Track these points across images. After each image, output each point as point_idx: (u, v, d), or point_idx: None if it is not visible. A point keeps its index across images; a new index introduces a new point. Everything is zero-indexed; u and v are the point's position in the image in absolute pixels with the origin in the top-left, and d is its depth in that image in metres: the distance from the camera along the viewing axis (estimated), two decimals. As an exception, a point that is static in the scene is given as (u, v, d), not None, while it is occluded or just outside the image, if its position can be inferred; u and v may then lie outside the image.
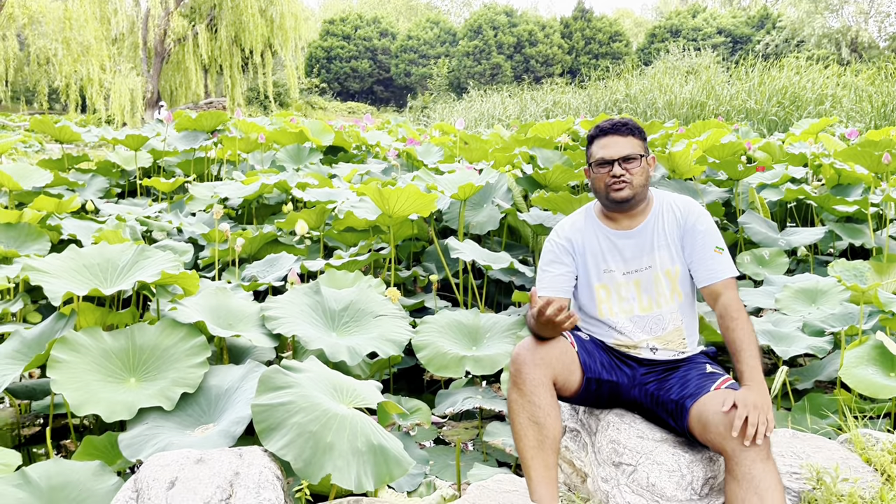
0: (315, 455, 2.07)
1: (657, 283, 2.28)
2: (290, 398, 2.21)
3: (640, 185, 2.27)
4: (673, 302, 2.28)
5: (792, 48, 33.20)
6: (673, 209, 2.32)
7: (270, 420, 2.13)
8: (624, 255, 2.31)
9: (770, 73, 15.77)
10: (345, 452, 2.12)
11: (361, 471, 2.13)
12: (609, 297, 2.32)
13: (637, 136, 2.30)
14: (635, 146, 2.28)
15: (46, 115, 8.24)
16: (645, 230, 2.31)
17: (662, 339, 2.28)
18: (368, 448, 2.19)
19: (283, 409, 2.16)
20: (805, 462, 2.34)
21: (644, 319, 2.28)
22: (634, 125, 2.32)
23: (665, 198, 2.37)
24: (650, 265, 2.28)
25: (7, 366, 2.96)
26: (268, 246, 5.34)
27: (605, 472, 2.22)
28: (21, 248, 4.44)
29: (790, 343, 3.59)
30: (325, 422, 2.17)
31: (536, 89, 24.34)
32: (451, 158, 7.62)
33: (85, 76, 19.59)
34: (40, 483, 2.32)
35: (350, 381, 2.60)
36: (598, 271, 2.34)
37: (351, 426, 2.21)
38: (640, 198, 2.29)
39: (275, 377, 2.29)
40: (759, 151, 7.30)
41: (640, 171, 2.26)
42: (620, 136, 2.28)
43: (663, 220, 2.31)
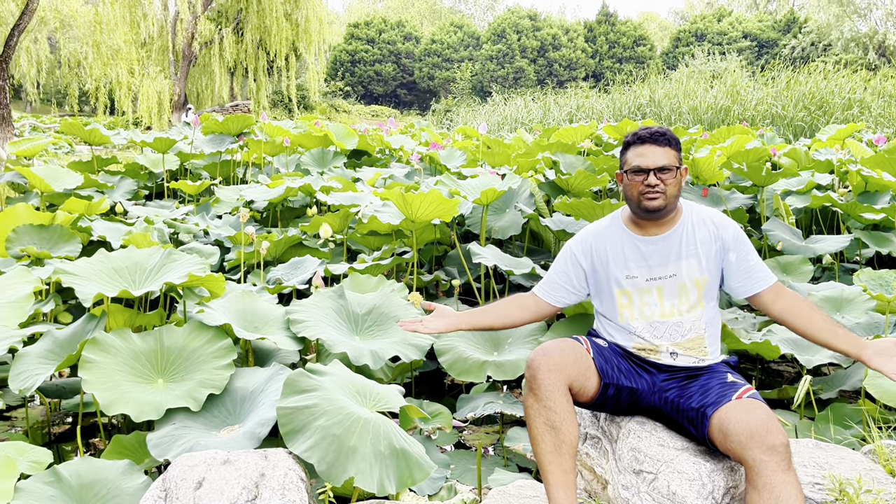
0: (338, 458, 2.10)
1: (682, 291, 2.29)
2: (314, 401, 2.25)
3: (673, 196, 2.28)
4: (696, 310, 2.29)
5: (819, 52, 32.81)
6: (705, 222, 2.34)
7: (295, 423, 2.17)
8: (649, 261, 2.32)
9: (797, 78, 15.61)
10: (367, 456, 2.15)
11: (384, 474, 2.15)
12: (630, 303, 2.34)
13: (674, 146, 2.32)
14: (671, 157, 2.29)
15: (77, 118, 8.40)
16: (672, 238, 2.32)
17: (682, 346, 2.29)
18: (391, 451, 2.22)
19: (308, 411, 2.20)
20: (828, 473, 2.33)
21: (664, 325, 2.30)
22: (672, 135, 2.33)
23: (693, 208, 2.38)
24: (675, 273, 2.29)
25: (39, 365, 3.03)
26: (292, 249, 5.40)
27: (625, 479, 2.23)
28: (53, 249, 4.53)
29: (814, 352, 3.56)
30: (349, 425, 2.21)
31: (560, 93, 24.30)
32: (474, 163, 7.64)
33: (114, 79, 19.90)
34: (71, 481, 2.38)
35: (373, 384, 2.63)
36: (620, 277, 2.35)
37: (374, 430, 2.24)
38: (671, 207, 2.30)
39: (300, 380, 2.33)
40: (784, 157, 7.24)
41: (674, 182, 2.28)
42: (658, 146, 2.29)
43: (694, 231, 2.32)
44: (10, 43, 11.54)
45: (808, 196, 5.96)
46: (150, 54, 25.15)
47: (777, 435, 1.91)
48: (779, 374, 4.41)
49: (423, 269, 5.59)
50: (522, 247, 5.83)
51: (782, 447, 1.89)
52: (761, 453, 1.89)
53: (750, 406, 2.01)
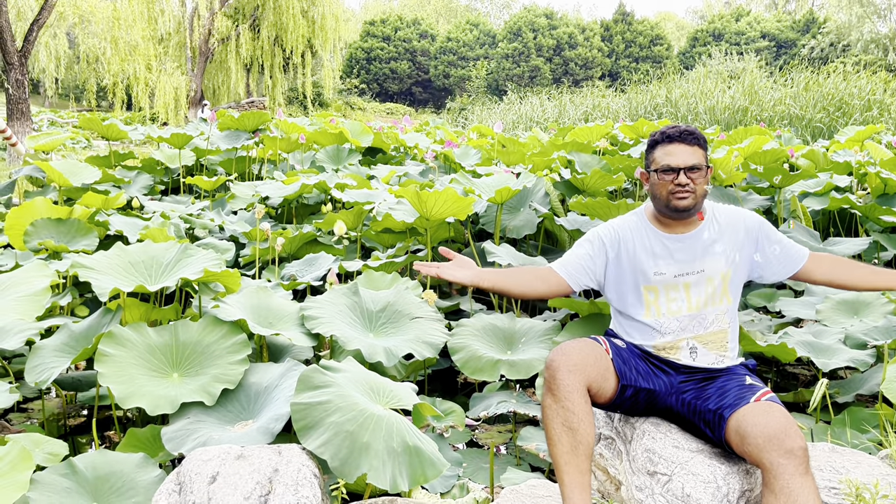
0: (351, 455, 2.10)
1: (709, 286, 2.30)
2: (328, 397, 2.25)
3: (702, 195, 2.30)
4: (721, 303, 2.31)
5: (838, 53, 32.51)
6: (730, 217, 2.38)
7: (309, 418, 2.17)
8: (676, 258, 2.32)
9: (815, 79, 15.47)
10: (380, 452, 2.15)
11: (397, 471, 2.15)
12: (657, 299, 2.33)
13: (702, 145, 2.32)
14: (700, 156, 2.30)
15: (94, 113, 8.47)
16: (699, 235, 2.32)
17: (703, 339, 2.28)
18: (404, 449, 2.22)
19: (321, 407, 2.20)
20: (844, 477, 2.31)
21: (689, 318, 2.30)
22: (700, 135, 2.33)
23: (713, 205, 2.41)
24: (703, 269, 2.30)
25: (56, 358, 3.06)
26: (307, 245, 5.42)
27: (639, 480, 2.22)
28: (71, 243, 4.57)
29: (831, 355, 3.53)
30: (362, 422, 2.21)
31: (575, 92, 24.24)
32: (489, 161, 7.63)
33: (131, 75, 20.06)
34: (86, 473, 2.40)
35: (386, 381, 2.63)
36: (648, 273, 2.34)
37: (387, 426, 2.24)
38: (699, 206, 2.32)
39: (314, 376, 2.33)
40: (802, 159, 7.18)
41: (703, 181, 2.29)
42: (687, 145, 2.29)
43: (720, 226, 2.34)
44: (30, 38, 11.65)
45: (826, 198, 5.90)
46: (168, 50, 25.32)
47: (795, 438, 1.89)
48: (794, 377, 4.38)
49: (436, 267, 5.59)
50: (537, 246, 5.81)
51: (800, 451, 1.88)
52: (779, 457, 1.87)
53: (768, 409, 2.00)
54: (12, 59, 11.28)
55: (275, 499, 1.86)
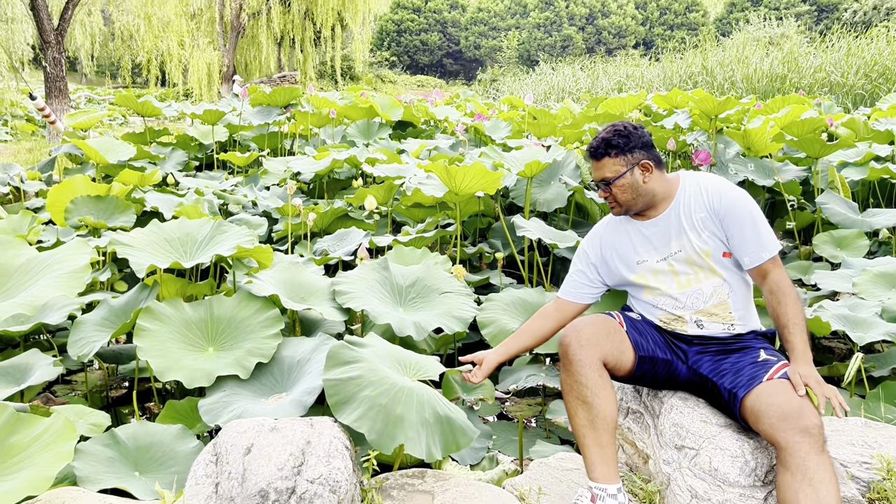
0: (387, 427, 2.16)
1: (692, 264, 2.28)
2: (358, 372, 2.30)
3: (629, 200, 2.31)
4: (714, 278, 2.27)
5: (881, 17, 31.41)
6: (700, 191, 2.29)
7: (342, 394, 2.22)
8: (654, 242, 2.34)
9: (857, 44, 14.99)
10: (414, 424, 2.20)
11: (431, 441, 2.20)
12: (648, 283, 2.36)
13: (613, 153, 2.30)
14: (610, 167, 2.30)
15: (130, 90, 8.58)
16: (669, 217, 2.32)
17: (706, 312, 2.27)
18: (436, 419, 2.27)
19: (353, 382, 2.25)
20: (876, 452, 2.29)
21: (685, 295, 2.30)
22: (608, 142, 2.31)
23: (692, 180, 2.34)
24: (679, 249, 2.29)
25: (96, 332, 3.16)
26: (338, 220, 5.47)
27: (667, 454, 2.23)
28: (109, 219, 4.67)
29: (867, 329, 3.48)
30: (394, 395, 2.25)
31: (609, 62, 23.84)
32: (520, 134, 7.58)
33: (165, 51, 20.20)
34: (128, 443, 2.49)
35: (411, 355, 2.68)
36: (632, 265, 2.38)
37: (418, 398, 2.29)
38: (636, 207, 2.33)
39: (342, 352, 2.38)
40: (841, 128, 7.00)
41: (620, 189, 2.30)
42: (596, 161, 2.34)
43: (689, 204, 2.30)
44: (65, 16, 11.80)
45: (865, 168, 5.76)
46: (200, 26, 25.42)
47: (810, 417, 1.88)
48: (830, 351, 4.33)
49: (466, 241, 5.60)
50: (567, 219, 5.79)
51: (816, 429, 1.87)
52: (794, 435, 1.87)
53: (782, 387, 1.99)
54: (49, 38, 11.46)
55: (307, 470, 1.91)
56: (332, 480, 1.90)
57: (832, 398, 1.93)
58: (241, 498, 1.84)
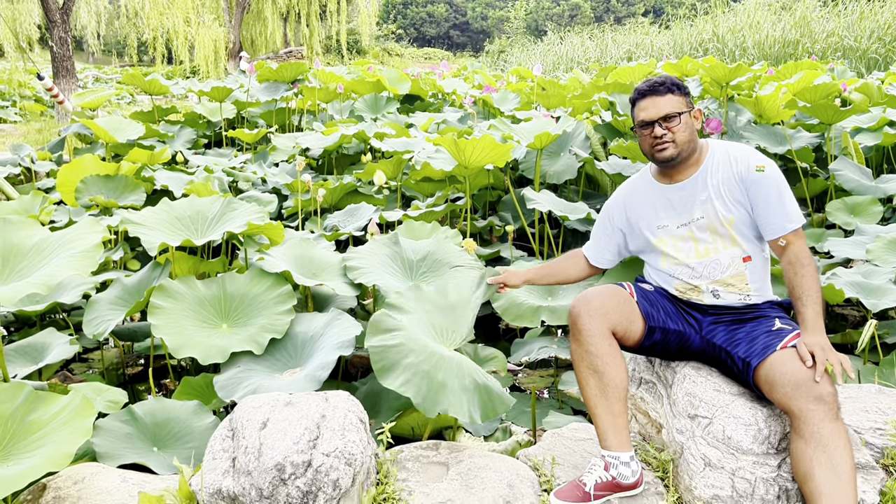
0: (430, 392, 2.21)
1: (713, 232, 2.27)
2: (399, 340, 2.34)
3: (685, 142, 2.27)
4: (732, 248, 2.26)
5: (898, -22, 30.79)
6: (730, 160, 2.27)
7: (386, 360, 2.27)
8: (677, 207, 2.32)
9: (871, 7, 14.72)
10: (456, 390, 2.25)
11: (471, 406, 2.25)
12: (666, 249, 2.35)
13: (677, 92, 2.29)
14: (675, 104, 2.27)
15: (137, 69, 8.56)
16: (696, 182, 2.30)
17: (722, 283, 2.26)
18: (475, 386, 2.30)
19: (396, 350, 2.30)
20: (890, 418, 2.29)
21: (702, 265, 2.29)
22: (673, 82, 2.30)
23: (721, 147, 2.33)
24: (702, 216, 2.27)
25: (111, 311, 3.18)
26: (348, 196, 5.47)
27: (680, 423, 2.24)
28: (119, 198, 4.69)
29: (881, 295, 3.46)
30: (436, 362, 2.30)
31: (617, 30, 23.53)
32: (528, 105, 7.52)
33: (170, 28, 20.10)
34: (145, 420, 2.52)
35: (445, 323, 2.69)
36: (653, 228, 2.37)
37: (458, 366, 2.33)
38: (686, 153, 2.29)
39: (383, 320, 2.43)
40: (855, 93, 6.89)
41: (682, 127, 2.26)
42: (658, 97, 2.28)
43: (717, 170, 2.28)
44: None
45: (879, 133, 5.68)
46: (205, 2, 25.22)
47: (824, 384, 1.88)
48: (843, 318, 4.31)
49: (476, 214, 5.59)
50: (578, 191, 5.76)
51: (829, 396, 1.87)
52: (808, 403, 1.87)
53: (796, 356, 1.98)
54: (55, 17, 11.41)
55: (323, 443, 1.93)
56: (347, 453, 1.92)
57: (840, 364, 1.91)
58: (258, 472, 1.86)
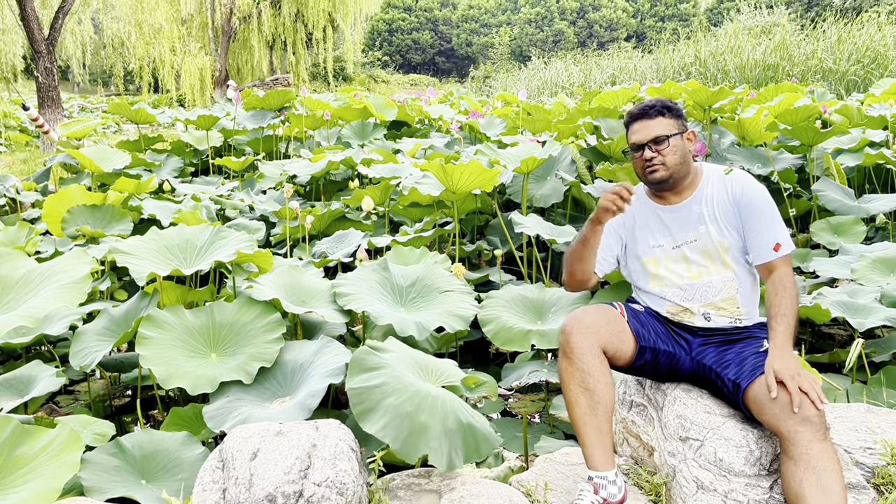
0: (410, 436, 2.13)
1: (706, 255, 2.29)
2: (382, 379, 2.27)
3: (676, 164, 2.29)
4: (725, 272, 2.28)
5: (871, 2, 31.42)
6: (724, 184, 2.31)
7: (366, 402, 2.20)
8: (671, 230, 2.34)
9: (849, 30, 15.01)
10: (438, 433, 2.18)
11: (453, 450, 2.18)
12: (658, 270, 2.36)
13: (668, 115, 2.31)
14: (665, 126, 2.29)
15: (123, 98, 8.56)
16: (691, 205, 2.33)
17: (714, 306, 2.28)
18: (458, 427, 2.25)
19: (378, 390, 2.23)
20: (880, 437, 2.30)
21: (694, 287, 2.31)
22: (664, 104, 2.32)
23: (715, 171, 2.36)
24: (696, 238, 2.30)
25: (98, 342, 3.16)
26: (336, 222, 5.47)
27: (671, 446, 2.24)
28: (106, 228, 4.67)
29: (867, 314, 3.49)
30: (418, 402, 2.23)
31: (601, 55, 23.83)
32: (514, 130, 7.58)
33: (157, 58, 20.18)
34: (134, 452, 2.49)
35: (431, 359, 2.66)
36: (647, 247, 2.39)
37: (442, 406, 2.27)
38: (678, 175, 2.31)
39: (366, 358, 2.36)
40: (835, 114, 7.00)
41: (671, 150, 2.28)
42: (649, 119, 2.31)
43: (712, 194, 2.31)
44: (56, 25, 11.77)
45: (860, 154, 5.77)
46: (191, 31, 25.36)
47: (811, 406, 1.90)
48: (830, 338, 4.34)
49: (465, 239, 5.61)
50: (565, 214, 5.79)
51: (816, 417, 1.88)
52: (796, 424, 1.88)
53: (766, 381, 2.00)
54: (40, 48, 11.43)
55: (314, 473, 1.91)
56: (338, 483, 1.91)
57: (809, 392, 1.91)
58: (249, 503, 1.84)
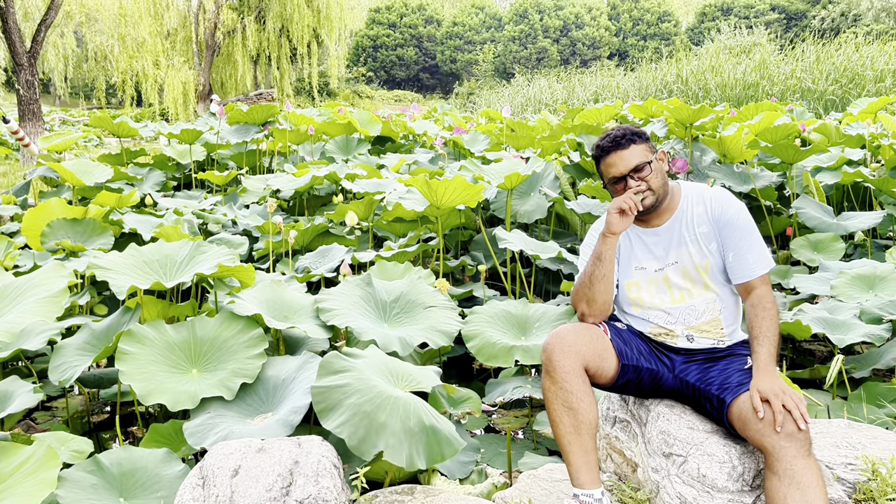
0: (368, 433, 2.15)
1: (687, 277, 2.30)
2: (347, 381, 2.31)
3: (660, 186, 2.30)
4: (707, 293, 2.29)
5: (849, 23, 32.03)
6: (704, 203, 2.32)
7: (328, 401, 2.23)
8: (654, 252, 2.35)
9: (827, 51, 15.27)
10: (397, 431, 2.19)
11: (414, 450, 2.19)
12: (640, 292, 2.36)
13: (639, 141, 2.31)
14: (641, 153, 2.30)
15: (105, 111, 8.52)
16: (672, 226, 2.33)
17: (698, 329, 2.29)
18: (420, 428, 2.25)
19: (340, 390, 2.26)
20: (861, 453, 2.32)
21: (677, 310, 2.31)
22: (631, 131, 2.33)
23: (694, 190, 2.37)
24: (677, 260, 2.31)
25: (77, 357, 3.11)
26: (319, 237, 5.45)
27: (655, 462, 2.24)
28: (87, 242, 4.62)
29: (846, 331, 3.53)
30: (380, 403, 2.25)
31: (584, 73, 24.07)
32: (498, 146, 7.62)
33: (140, 71, 20.14)
34: (112, 469, 2.45)
35: (408, 366, 2.67)
36: (630, 269, 2.39)
37: (404, 407, 2.28)
38: (662, 197, 2.32)
39: (334, 362, 2.39)
40: (814, 133, 7.11)
41: (654, 174, 2.29)
42: (623, 150, 2.30)
43: (692, 215, 2.32)
44: (38, 38, 11.71)
45: (839, 172, 5.86)
46: (175, 45, 25.35)
47: (794, 424, 1.91)
48: (811, 354, 4.37)
49: (449, 254, 5.61)
50: (548, 230, 5.82)
51: (801, 434, 1.89)
52: (780, 440, 1.89)
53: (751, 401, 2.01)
54: (21, 61, 11.36)
55: (296, 490, 1.89)
56: (321, 500, 1.89)
57: (793, 410, 1.91)
58: (230, 521, 1.82)
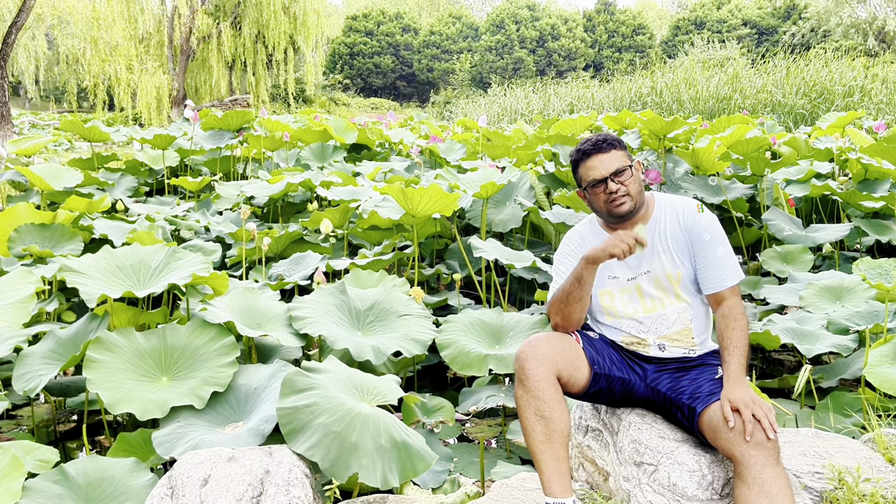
0: (341, 455, 2.12)
1: (658, 287, 2.32)
2: (313, 400, 2.27)
3: (637, 193, 2.32)
4: (679, 303, 2.32)
5: (819, 39, 32.70)
6: (675, 212, 2.34)
7: (296, 422, 2.19)
8: (627, 261, 2.35)
9: (797, 65, 15.57)
10: (370, 451, 2.17)
11: (387, 468, 2.18)
12: (613, 301, 2.38)
13: (618, 147, 2.34)
14: (620, 158, 2.32)
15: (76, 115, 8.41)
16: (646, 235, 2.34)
17: (669, 338, 2.32)
18: (392, 445, 2.24)
19: (308, 410, 2.22)
20: (827, 462, 2.35)
21: (649, 319, 2.33)
22: (613, 138, 2.36)
23: (666, 201, 2.39)
24: (649, 269, 2.33)
25: (44, 365, 3.05)
26: (294, 244, 5.42)
27: (626, 471, 2.25)
28: (55, 248, 4.55)
29: (814, 341, 3.58)
30: (349, 422, 2.23)
31: (559, 83, 24.26)
32: (474, 155, 7.65)
33: (112, 75, 19.90)
34: (78, 479, 2.40)
35: (370, 378, 2.65)
36: (603, 277, 2.39)
37: (374, 424, 2.26)
38: (639, 204, 2.34)
39: (297, 380, 2.35)
40: (784, 146, 7.23)
41: (632, 180, 2.31)
42: (604, 154, 2.32)
43: (665, 224, 2.34)
44: (8, 40, 11.53)
45: (807, 185, 5.96)
46: (149, 49, 25.09)
47: (763, 434, 1.93)
48: (780, 363, 4.44)
49: (424, 262, 5.61)
50: (523, 239, 5.84)
51: (770, 443, 1.92)
52: (749, 448, 1.92)
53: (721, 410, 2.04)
54: (-9, 63, 11.18)
55: (267, 500, 1.87)
56: (292, 510, 1.87)
57: (762, 420, 1.94)
58: (199, 532, 1.79)
